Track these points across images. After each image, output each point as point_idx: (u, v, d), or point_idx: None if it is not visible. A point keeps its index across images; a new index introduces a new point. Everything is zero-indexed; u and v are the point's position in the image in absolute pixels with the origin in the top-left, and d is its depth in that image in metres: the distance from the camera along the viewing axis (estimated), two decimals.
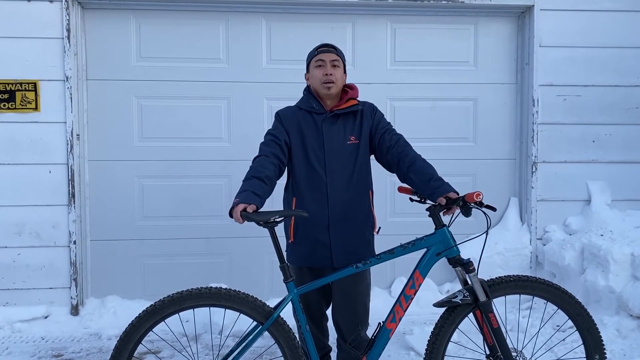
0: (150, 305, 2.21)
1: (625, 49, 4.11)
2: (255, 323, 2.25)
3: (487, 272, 3.75)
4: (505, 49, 4.24)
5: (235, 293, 2.22)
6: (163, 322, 2.22)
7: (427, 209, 2.29)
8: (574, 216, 4.13)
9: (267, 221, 2.15)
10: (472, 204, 2.16)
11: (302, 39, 4.04)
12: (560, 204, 4.16)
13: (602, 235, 3.80)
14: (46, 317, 3.81)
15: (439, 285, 4.16)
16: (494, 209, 2.20)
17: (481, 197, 2.11)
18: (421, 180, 2.34)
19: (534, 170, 4.12)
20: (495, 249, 4.09)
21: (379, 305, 3.79)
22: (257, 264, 4.12)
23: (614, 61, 4.12)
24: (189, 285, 2.46)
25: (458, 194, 2.25)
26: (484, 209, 2.20)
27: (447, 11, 4.12)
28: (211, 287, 2.25)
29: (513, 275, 2.34)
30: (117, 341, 2.19)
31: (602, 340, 2.35)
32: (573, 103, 4.12)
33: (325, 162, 2.50)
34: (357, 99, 2.62)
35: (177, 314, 2.22)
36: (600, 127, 4.15)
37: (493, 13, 4.17)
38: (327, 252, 2.50)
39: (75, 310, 3.86)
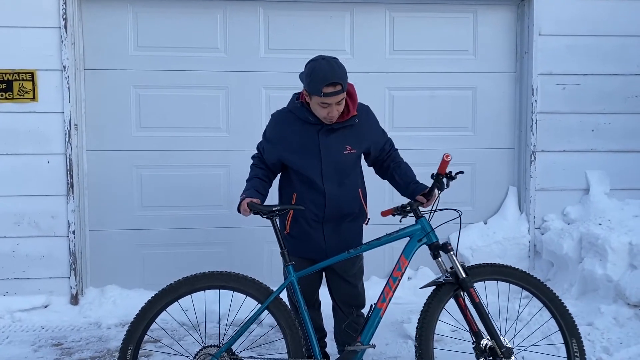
0: (167, 285, 2.40)
1: (625, 37, 4.08)
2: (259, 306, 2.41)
3: (485, 261, 3.76)
4: (504, 37, 4.22)
5: (243, 276, 2.44)
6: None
7: (407, 204, 2.55)
8: (573, 205, 4.13)
9: (270, 211, 2.43)
10: (443, 177, 2.44)
11: (300, 27, 4.02)
12: (559, 193, 4.16)
13: (600, 224, 3.80)
14: (46, 307, 3.83)
15: (436, 275, 4.16)
16: (462, 172, 2.50)
17: (450, 157, 2.40)
18: (404, 182, 2.66)
19: (532, 159, 4.12)
20: (494, 238, 4.10)
21: (377, 292, 3.81)
22: (256, 253, 4.12)
23: (613, 50, 4.09)
24: (188, 274, 2.48)
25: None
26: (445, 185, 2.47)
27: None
28: (223, 271, 2.46)
29: (490, 262, 2.59)
30: (134, 317, 2.36)
31: (576, 325, 2.46)
32: (572, 92, 4.11)
33: (322, 171, 2.55)
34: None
35: (189, 295, 2.41)
36: (600, 116, 4.14)
37: (492, 1, 4.14)
38: (322, 248, 2.63)
39: (74, 300, 3.88)
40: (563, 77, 4.10)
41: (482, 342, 2.37)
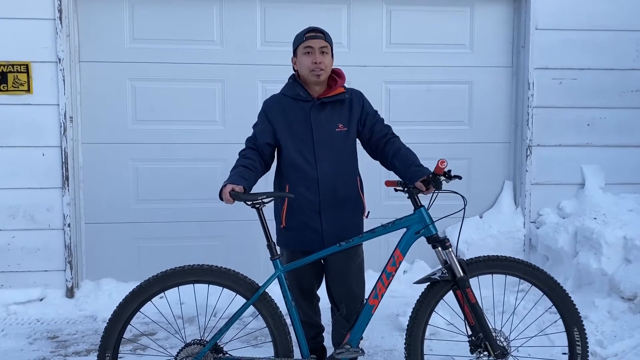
0: (137, 286, 2.27)
1: (622, 32, 4.08)
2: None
3: (480, 255, 3.76)
4: (501, 31, 4.21)
5: (217, 268, 2.31)
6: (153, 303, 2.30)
7: (405, 191, 2.39)
8: (568, 200, 4.15)
9: (254, 200, 2.28)
10: (441, 176, 2.25)
11: (297, 20, 3.97)
12: (554, 188, 4.17)
13: (595, 218, 3.81)
14: (41, 300, 3.82)
15: (433, 269, 4.17)
16: (459, 177, 2.30)
17: (445, 164, 2.20)
18: (403, 165, 2.48)
19: (528, 153, 4.12)
20: (489, 232, 4.11)
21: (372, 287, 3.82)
22: (252, 247, 4.11)
23: (610, 45, 4.10)
24: None
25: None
26: (446, 188, 2.29)
27: None
28: (195, 264, 2.32)
29: (484, 255, 2.40)
30: (107, 322, 2.25)
31: (579, 313, 2.38)
32: (568, 86, 4.11)
33: (314, 150, 2.52)
34: (345, 85, 2.61)
35: (162, 293, 2.31)
36: (595, 110, 4.14)
37: None
38: (319, 237, 2.55)
39: (70, 293, 3.87)
40: (559, 72, 4.10)
41: (478, 334, 2.31)
